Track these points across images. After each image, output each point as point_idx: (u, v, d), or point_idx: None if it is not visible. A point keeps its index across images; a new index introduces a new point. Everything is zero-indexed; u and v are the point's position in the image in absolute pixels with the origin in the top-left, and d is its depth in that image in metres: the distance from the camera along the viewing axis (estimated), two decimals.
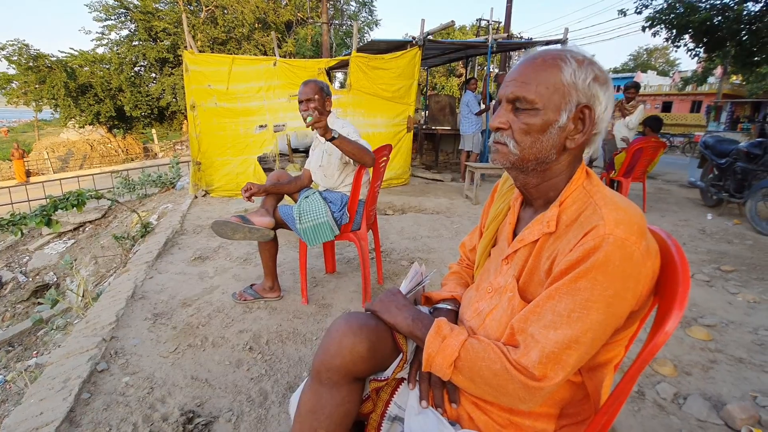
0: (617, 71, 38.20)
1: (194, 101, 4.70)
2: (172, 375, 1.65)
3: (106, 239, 4.73)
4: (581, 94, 0.71)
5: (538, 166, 0.75)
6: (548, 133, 0.72)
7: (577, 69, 0.70)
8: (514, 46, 7.88)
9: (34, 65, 15.28)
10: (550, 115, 0.71)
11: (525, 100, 0.72)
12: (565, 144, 0.73)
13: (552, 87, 0.70)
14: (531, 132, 0.72)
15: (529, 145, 0.73)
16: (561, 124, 0.71)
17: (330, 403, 0.82)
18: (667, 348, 1.92)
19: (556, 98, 0.70)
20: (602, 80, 0.71)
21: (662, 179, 7.20)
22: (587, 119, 0.72)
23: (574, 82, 0.70)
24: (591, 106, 0.71)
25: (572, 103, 0.71)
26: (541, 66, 0.71)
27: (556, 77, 0.70)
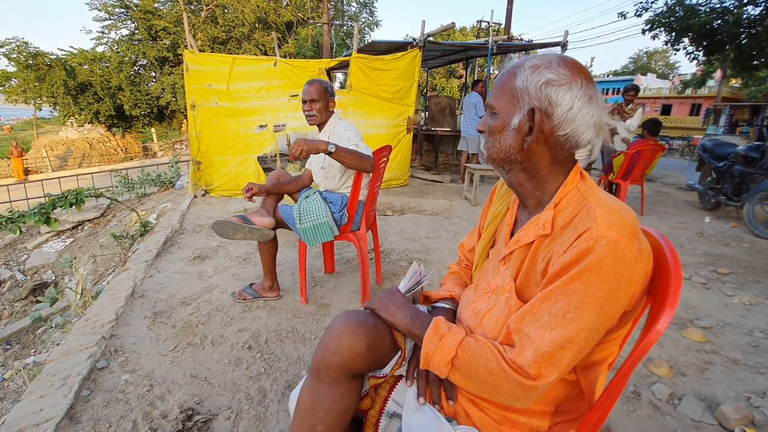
0: (617, 74, 38.29)
1: (194, 101, 4.71)
2: (171, 373, 1.66)
3: (105, 238, 4.73)
4: (533, 98, 0.74)
5: (510, 165, 0.81)
6: (504, 134, 0.78)
7: (530, 75, 0.74)
8: (515, 48, 7.91)
9: (33, 63, 15.27)
10: (504, 118, 0.78)
11: (489, 106, 0.81)
12: (522, 145, 0.77)
13: (508, 93, 0.77)
14: (492, 133, 0.80)
15: (491, 145, 0.81)
16: (514, 126, 0.77)
17: (329, 400, 0.83)
18: (662, 349, 1.94)
19: (509, 103, 0.77)
20: (558, 83, 0.72)
21: (661, 182, 7.23)
22: (537, 121, 0.74)
23: (526, 87, 0.74)
24: (542, 108, 0.73)
25: (524, 106, 0.75)
26: (504, 75, 0.80)
27: (511, 84, 0.77)
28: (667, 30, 8.78)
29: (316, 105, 2.05)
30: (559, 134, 0.74)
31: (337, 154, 1.87)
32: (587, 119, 0.73)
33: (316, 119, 2.09)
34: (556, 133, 0.74)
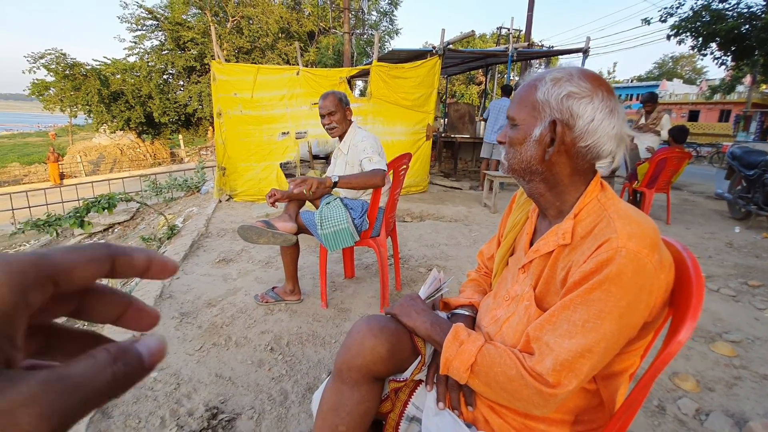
0: (641, 79, 37.35)
1: (221, 109, 4.87)
2: (197, 372, 1.72)
3: (134, 240, 4.92)
4: (554, 110, 0.76)
5: (530, 176, 0.82)
6: (525, 145, 0.80)
7: (551, 87, 0.76)
8: (535, 55, 7.86)
9: (70, 73, 16.06)
10: (526, 130, 0.79)
11: (510, 118, 0.83)
12: (543, 156, 0.78)
13: (529, 105, 0.79)
14: (513, 145, 0.82)
15: (512, 156, 0.83)
16: (535, 138, 0.78)
17: (351, 401, 0.86)
18: (689, 363, 1.89)
19: (530, 115, 0.79)
20: (579, 95, 0.74)
21: (688, 190, 7.01)
22: (558, 133, 0.76)
23: (547, 100, 0.76)
24: (564, 120, 0.75)
25: (546, 118, 0.77)
26: (524, 88, 0.82)
27: (532, 97, 0.79)
28: (693, 35, 8.55)
29: (335, 117, 2.11)
30: (581, 145, 0.76)
31: (342, 184, 1.94)
32: (608, 131, 0.75)
33: (338, 131, 2.14)
34: (577, 145, 0.76)
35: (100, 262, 0.21)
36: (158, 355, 0.20)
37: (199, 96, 17.17)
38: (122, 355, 0.19)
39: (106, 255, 0.21)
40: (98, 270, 0.21)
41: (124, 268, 0.22)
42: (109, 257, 0.21)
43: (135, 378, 0.19)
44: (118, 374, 0.18)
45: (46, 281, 0.19)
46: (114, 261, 0.21)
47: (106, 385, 0.18)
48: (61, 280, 0.19)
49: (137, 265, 0.22)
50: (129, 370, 0.19)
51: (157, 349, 0.20)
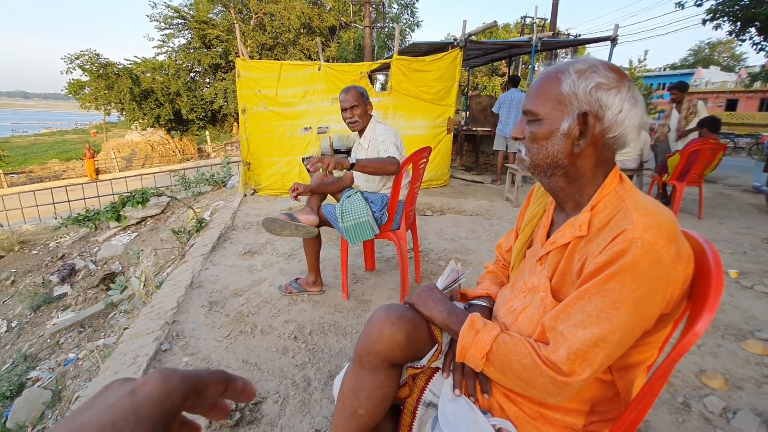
0: (675, 67, 35.60)
1: (245, 105, 4.99)
2: (225, 357, 1.81)
3: (165, 233, 5.14)
4: (583, 102, 0.75)
5: (554, 170, 0.81)
6: (552, 140, 0.79)
7: (577, 79, 0.75)
8: (560, 45, 7.63)
9: (103, 73, 16.75)
10: (551, 124, 0.78)
11: (530, 113, 0.81)
12: (572, 149, 0.78)
13: (553, 98, 0.77)
14: (536, 140, 0.80)
15: (536, 151, 0.81)
16: (563, 132, 0.77)
17: (370, 385, 0.90)
18: (718, 361, 1.84)
19: (556, 108, 0.77)
20: (607, 86, 0.74)
21: (723, 183, 6.68)
22: (589, 125, 0.76)
23: (574, 92, 0.75)
24: (593, 112, 0.75)
25: (573, 111, 0.76)
26: (545, 81, 0.80)
27: (556, 89, 0.77)
28: (731, 19, 8.08)
29: (357, 111, 2.14)
30: (609, 136, 0.76)
31: (358, 167, 1.96)
32: (634, 121, 0.76)
33: (359, 125, 2.17)
34: (606, 136, 0.76)
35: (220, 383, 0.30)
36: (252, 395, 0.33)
37: (225, 93, 17.58)
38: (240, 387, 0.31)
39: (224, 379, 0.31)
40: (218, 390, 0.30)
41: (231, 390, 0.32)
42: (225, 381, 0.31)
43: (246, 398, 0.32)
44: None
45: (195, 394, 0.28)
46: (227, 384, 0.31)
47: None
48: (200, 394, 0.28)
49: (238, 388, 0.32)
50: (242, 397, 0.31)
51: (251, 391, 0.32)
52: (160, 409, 0.24)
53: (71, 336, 4.18)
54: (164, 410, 0.25)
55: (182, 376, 0.27)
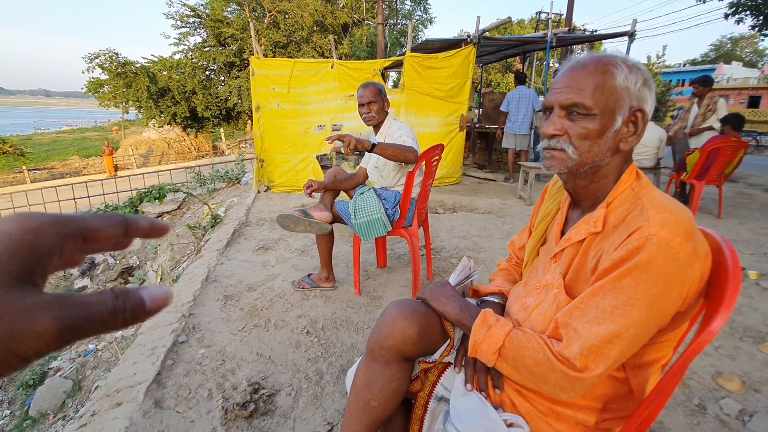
0: (695, 63, 34.64)
1: (259, 103, 5.04)
2: (240, 350, 1.85)
3: (181, 228, 5.24)
4: (633, 98, 0.74)
5: (590, 169, 0.79)
6: (605, 137, 0.75)
7: (629, 73, 0.74)
8: (576, 41, 7.51)
9: (122, 71, 17.11)
10: (606, 120, 0.74)
11: (582, 106, 0.74)
12: (618, 146, 0.76)
13: (608, 92, 0.73)
14: (589, 137, 0.75)
15: (587, 149, 0.76)
16: (617, 128, 0.75)
17: (382, 378, 0.91)
18: (735, 363, 1.81)
19: (611, 103, 0.73)
20: (649, 84, 0.75)
21: (744, 183, 6.50)
22: (640, 121, 0.75)
23: (627, 87, 0.73)
24: (643, 108, 0.75)
25: (626, 106, 0.74)
26: (594, 72, 0.74)
27: (610, 82, 0.73)
28: (753, 13, 7.81)
29: (374, 107, 2.15)
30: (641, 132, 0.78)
31: (378, 149, 1.96)
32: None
33: (374, 120, 2.19)
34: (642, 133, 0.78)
35: (117, 227, 0.27)
36: (160, 302, 0.25)
37: (239, 91, 17.78)
38: (123, 295, 0.24)
39: (121, 222, 0.27)
40: (116, 234, 0.27)
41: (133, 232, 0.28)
42: (124, 224, 0.27)
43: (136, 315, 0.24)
44: (118, 308, 0.23)
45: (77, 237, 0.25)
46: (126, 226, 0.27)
47: (107, 313, 0.23)
48: (89, 239, 0.26)
49: (142, 228, 0.28)
50: (128, 306, 0.24)
51: (159, 297, 0.25)
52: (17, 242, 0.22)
53: None
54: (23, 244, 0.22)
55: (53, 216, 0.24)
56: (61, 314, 0.22)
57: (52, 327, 0.21)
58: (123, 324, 0.24)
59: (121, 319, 0.23)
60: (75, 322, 0.22)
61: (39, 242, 0.23)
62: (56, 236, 0.24)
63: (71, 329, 0.22)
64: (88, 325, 0.22)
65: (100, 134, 31.04)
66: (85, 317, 0.22)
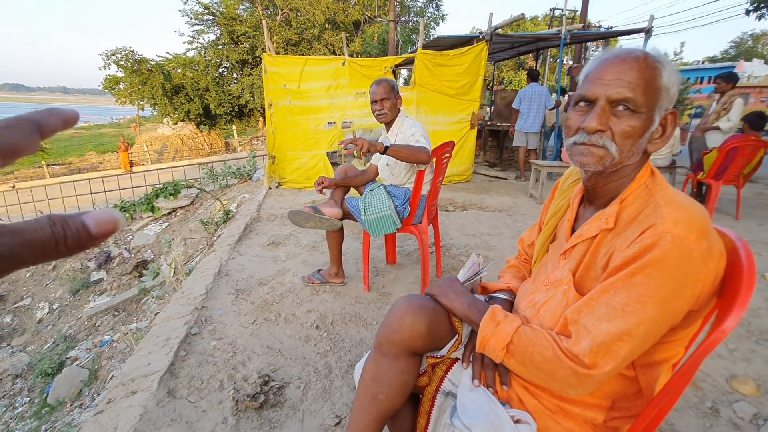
0: (714, 60, 33.79)
1: (271, 100, 5.09)
2: (251, 343, 1.88)
3: (194, 223, 5.33)
4: (669, 100, 0.73)
5: (617, 167, 0.76)
6: (644, 137, 0.73)
7: (672, 74, 0.72)
8: (591, 37, 7.39)
9: (137, 69, 17.40)
10: (649, 119, 0.72)
11: (632, 102, 0.70)
12: (646, 147, 0.75)
13: (654, 90, 0.71)
14: (633, 136, 0.72)
15: (629, 148, 0.73)
16: (653, 129, 0.73)
17: (390, 372, 0.92)
18: (750, 367, 1.77)
19: (655, 102, 0.71)
20: (678, 85, 0.74)
21: (765, 183, 6.32)
22: (669, 124, 0.74)
23: (669, 87, 0.72)
24: (675, 111, 0.74)
25: (663, 107, 0.73)
26: (645, 68, 0.70)
27: (657, 81, 0.70)
28: None
29: (387, 104, 2.15)
30: None
31: (391, 151, 1.95)
32: None
33: (387, 117, 2.19)
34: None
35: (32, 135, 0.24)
36: (106, 226, 0.23)
37: (251, 88, 17.94)
38: (62, 221, 0.22)
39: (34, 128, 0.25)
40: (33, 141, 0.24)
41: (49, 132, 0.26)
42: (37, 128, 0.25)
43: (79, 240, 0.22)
44: (58, 234, 0.22)
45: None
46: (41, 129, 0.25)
47: (45, 240, 0.21)
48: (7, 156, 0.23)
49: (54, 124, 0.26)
50: (69, 233, 0.22)
51: (104, 220, 0.23)
52: None
53: (107, 319, 4.41)
54: None
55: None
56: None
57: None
58: (67, 251, 0.22)
59: (63, 246, 0.22)
60: (11, 249, 0.21)
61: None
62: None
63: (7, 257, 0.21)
64: (26, 252, 0.21)
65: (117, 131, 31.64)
66: (22, 244, 0.21)
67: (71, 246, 0.22)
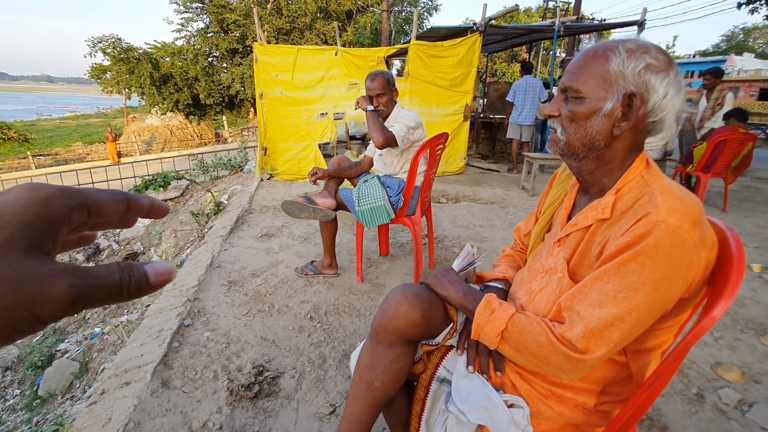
0: (705, 54, 34.10)
1: (262, 90, 5.02)
2: (244, 334, 1.88)
3: (184, 215, 5.27)
4: (630, 83, 0.73)
5: (587, 153, 0.79)
6: (592, 120, 0.76)
7: (627, 59, 0.73)
8: (584, 30, 7.40)
9: (125, 57, 17.01)
10: (594, 104, 0.75)
11: (572, 90, 0.77)
12: (612, 131, 0.76)
13: (598, 77, 0.74)
14: (575, 119, 0.78)
15: (574, 131, 0.79)
16: (606, 112, 0.75)
17: (385, 360, 0.93)
18: (735, 354, 1.82)
19: (601, 87, 0.74)
20: (657, 68, 0.72)
21: (751, 176, 6.44)
22: (634, 107, 0.74)
23: (622, 72, 0.73)
24: (640, 93, 0.73)
25: (619, 91, 0.74)
26: (591, 58, 0.76)
27: (603, 68, 0.74)
28: None
29: (382, 99, 2.12)
30: (650, 121, 0.75)
31: (368, 114, 2.04)
32: (676, 107, 0.74)
33: (383, 113, 2.17)
34: (647, 120, 0.75)
35: (120, 203, 0.28)
36: (163, 277, 0.27)
37: (242, 78, 17.67)
38: (128, 268, 0.25)
39: (124, 198, 0.29)
40: (119, 209, 0.28)
41: (135, 209, 0.29)
42: (126, 200, 0.29)
43: (140, 287, 0.26)
44: (124, 281, 0.25)
45: (84, 208, 0.26)
46: (129, 203, 0.29)
47: (113, 284, 0.24)
48: (93, 211, 0.27)
49: (143, 206, 0.30)
50: (133, 279, 0.25)
51: (162, 272, 0.27)
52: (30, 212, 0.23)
53: (97, 312, 4.36)
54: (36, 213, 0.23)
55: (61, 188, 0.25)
56: (74, 282, 0.23)
57: (66, 294, 0.23)
58: (128, 296, 0.25)
59: (126, 291, 0.25)
60: (87, 290, 0.23)
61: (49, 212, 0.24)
62: (65, 207, 0.25)
63: (83, 297, 0.23)
64: (97, 294, 0.24)
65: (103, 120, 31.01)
66: (95, 287, 0.24)
67: (132, 292, 0.25)
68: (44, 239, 0.24)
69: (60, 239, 0.25)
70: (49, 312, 0.22)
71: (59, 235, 0.25)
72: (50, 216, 0.24)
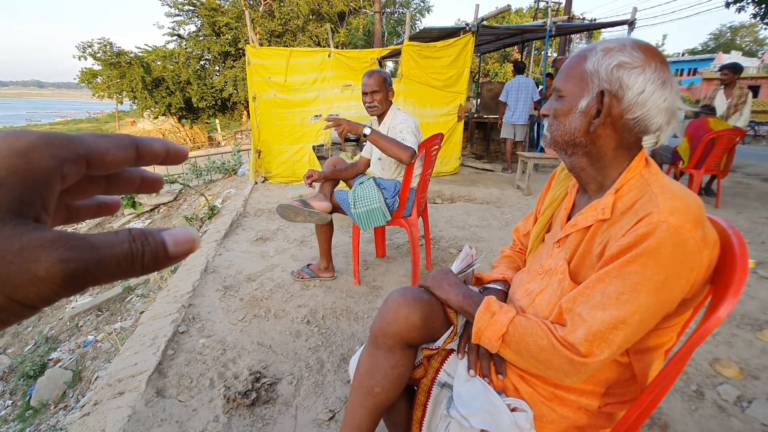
0: (694, 52, 34.53)
1: (255, 93, 4.98)
2: (241, 340, 1.85)
3: (178, 220, 5.21)
4: (603, 81, 0.74)
5: (573, 149, 0.81)
6: (570, 117, 0.79)
7: (601, 57, 0.74)
8: (575, 29, 7.45)
9: (115, 61, 16.84)
10: (571, 101, 0.78)
11: (557, 90, 0.82)
12: (588, 128, 0.77)
13: (577, 76, 0.78)
14: (557, 116, 0.81)
15: (556, 128, 0.82)
16: (581, 109, 0.77)
17: (385, 365, 0.91)
18: (733, 350, 1.83)
19: (577, 86, 0.77)
20: (630, 65, 0.72)
21: (742, 172, 6.51)
22: (604, 104, 0.74)
23: (596, 70, 0.74)
24: (611, 91, 0.73)
25: (593, 89, 0.75)
26: (575, 59, 0.80)
27: (581, 67, 0.77)
28: (755, 2, 7.76)
29: (377, 96, 2.11)
30: (629, 118, 0.74)
31: (372, 138, 1.93)
32: (659, 104, 0.73)
33: (377, 110, 2.15)
34: (625, 117, 0.74)
35: (127, 149, 0.23)
36: (185, 246, 0.21)
37: (234, 81, 17.56)
38: (142, 237, 0.20)
39: (131, 143, 0.23)
40: (126, 157, 0.23)
41: (147, 156, 0.24)
42: (134, 145, 0.23)
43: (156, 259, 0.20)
44: (136, 252, 0.19)
45: (80, 159, 0.21)
46: (138, 149, 0.23)
47: (122, 256, 0.19)
48: (93, 163, 0.22)
49: (157, 152, 0.24)
50: (148, 250, 0.20)
51: (183, 240, 0.21)
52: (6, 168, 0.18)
53: (89, 319, 4.30)
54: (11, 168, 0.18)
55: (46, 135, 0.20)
56: (68, 256, 0.18)
57: (56, 270, 0.18)
58: (141, 270, 0.20)
59: (140, 265, 0.20)
60: (85, 266, 0.18)
61: (31, 166, 0.19)
62: (53, 158, 0.20)
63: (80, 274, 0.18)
64: (99, 270, 0.19)
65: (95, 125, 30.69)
66: (97, 261, 0.19)
67: (147, 265, 0.20)
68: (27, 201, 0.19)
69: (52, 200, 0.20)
70: (35, 295, 0.18)
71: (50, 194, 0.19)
72: (33, 171, 0.19)
